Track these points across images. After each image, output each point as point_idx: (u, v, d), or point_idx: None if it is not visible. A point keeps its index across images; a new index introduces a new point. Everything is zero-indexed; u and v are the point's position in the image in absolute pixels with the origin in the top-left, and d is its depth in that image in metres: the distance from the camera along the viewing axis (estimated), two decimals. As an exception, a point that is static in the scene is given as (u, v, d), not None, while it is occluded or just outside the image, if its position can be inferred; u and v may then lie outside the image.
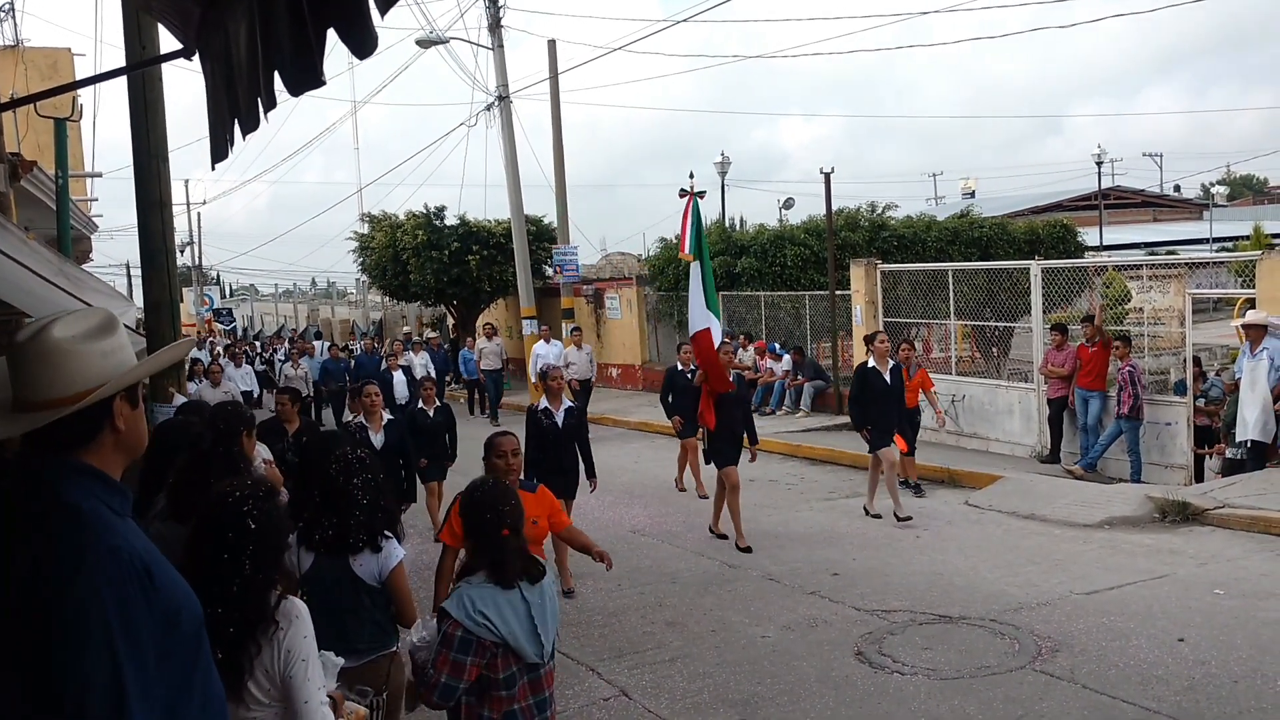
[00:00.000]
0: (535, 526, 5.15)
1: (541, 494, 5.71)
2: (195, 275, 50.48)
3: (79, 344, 2.08)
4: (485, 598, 3.36)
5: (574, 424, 8.46)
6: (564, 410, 8.43)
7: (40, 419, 2.03)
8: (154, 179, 8.53)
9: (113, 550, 1.94)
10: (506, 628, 3.34)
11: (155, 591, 1.98)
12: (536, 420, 8.36)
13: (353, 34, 2.26)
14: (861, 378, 10.44)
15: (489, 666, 3.35)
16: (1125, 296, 17.12)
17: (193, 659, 2.08)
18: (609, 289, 24.56)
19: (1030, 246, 20.04)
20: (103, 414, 2.08)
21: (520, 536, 3.54)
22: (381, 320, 39.98)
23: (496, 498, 3.59)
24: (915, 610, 7.31)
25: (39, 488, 2.01)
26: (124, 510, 2.09)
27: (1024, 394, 13.78)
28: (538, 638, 3.39)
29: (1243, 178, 78.10)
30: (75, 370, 2.06)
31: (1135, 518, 9.58)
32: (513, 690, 3.38)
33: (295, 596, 2.97)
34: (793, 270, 19.46)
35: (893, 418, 10.40)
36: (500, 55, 22.11)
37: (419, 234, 25.46)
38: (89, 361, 2.08)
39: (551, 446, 8.27)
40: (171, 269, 8.89)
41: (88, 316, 2.17)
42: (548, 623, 3.45)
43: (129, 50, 8.19)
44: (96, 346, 2.10)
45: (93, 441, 2.07)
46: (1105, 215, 40.86)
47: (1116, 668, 6.06)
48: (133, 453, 2.19)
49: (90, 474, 2.06)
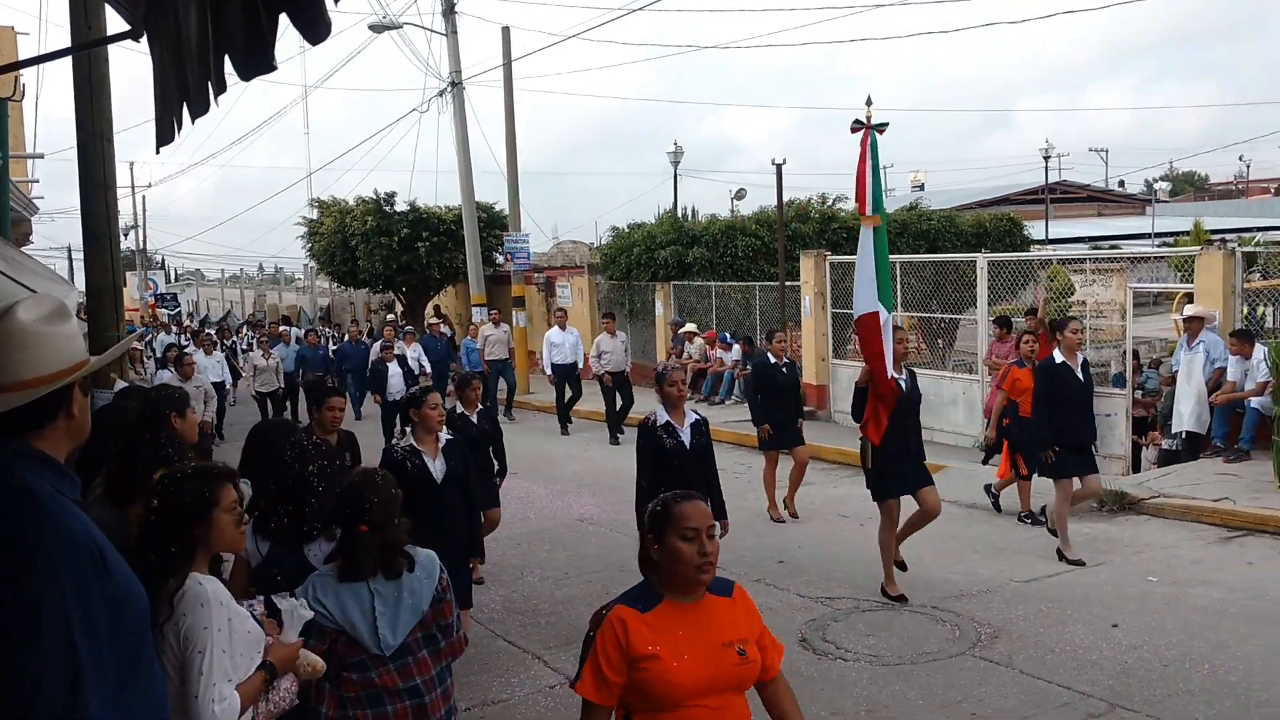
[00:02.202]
0: (743, 660, 2.95)
1: (741, 601, 3.16)
2: (139, 259, 49.58)
3: (45, 326, 2.08)
4: (327, 586, 3.43)
5: (704, 444, 6.56)
6: (690, 425, 6.52)
7: (12, 400, 2.02)
8: (98, 161, 8.38)
9: (69, 533, 1.96)
10: (345, 618, 3.39)
11: (108, 575, 2.00)
12: (655, 440, 6.42)
13: (306, 20, 2.26)
14: (1050, 377, 8.16)
15: (336, 650, 3.40)
16: (1069, 290, 17.43)
17: (139, 642, 2.09)
18: (560, 277, 24.52)
19: (977, 240, 20.32)
20: (61, 399, 2.09)
21: (385, 532, 3.49)
22: (329, 306, 39.56)
23: (363, 491, 3.53)
24: (859, 598, 7.43)
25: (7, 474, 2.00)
26: (74, 495, 2.10)
27: (968, 385, 14.01)
28: (377, 632, 3.40)
29: (1185, 174, 79.67)
30: (44, 353, 2.06)
31: (1074, 507, 9.79)
32: (368, 675, 3.41)
33: (218, 582, 2.94)
34: (743, 261, 19.56)
35: (1086, 430, 8.26)
36: (454, 41, 21.95)
37: (368, 220, 25.24)
38: (56, 345, 2.08)
39: (675, 476, 6.03)
40: (115, 253, 8.74)
41: (43, 302, 2.17)
42: (400, 617, 3.44)
43: (75, 30, 8.04)
44: (60, 330, 2.10)
45: (47, 427, 2.08)
46: (1051, 209, 41.50)
47: (1053, 653, 6.22)
48: (78, 439, 2.19)
49: (41, 459, 2.06)
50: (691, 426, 6.49)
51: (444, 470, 5.87)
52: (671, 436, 6.41)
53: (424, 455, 5.86)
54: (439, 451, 5.92)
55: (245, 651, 2.89)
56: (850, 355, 17.01)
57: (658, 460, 6.31)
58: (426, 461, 5.84)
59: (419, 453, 5.87)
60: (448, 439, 6.00)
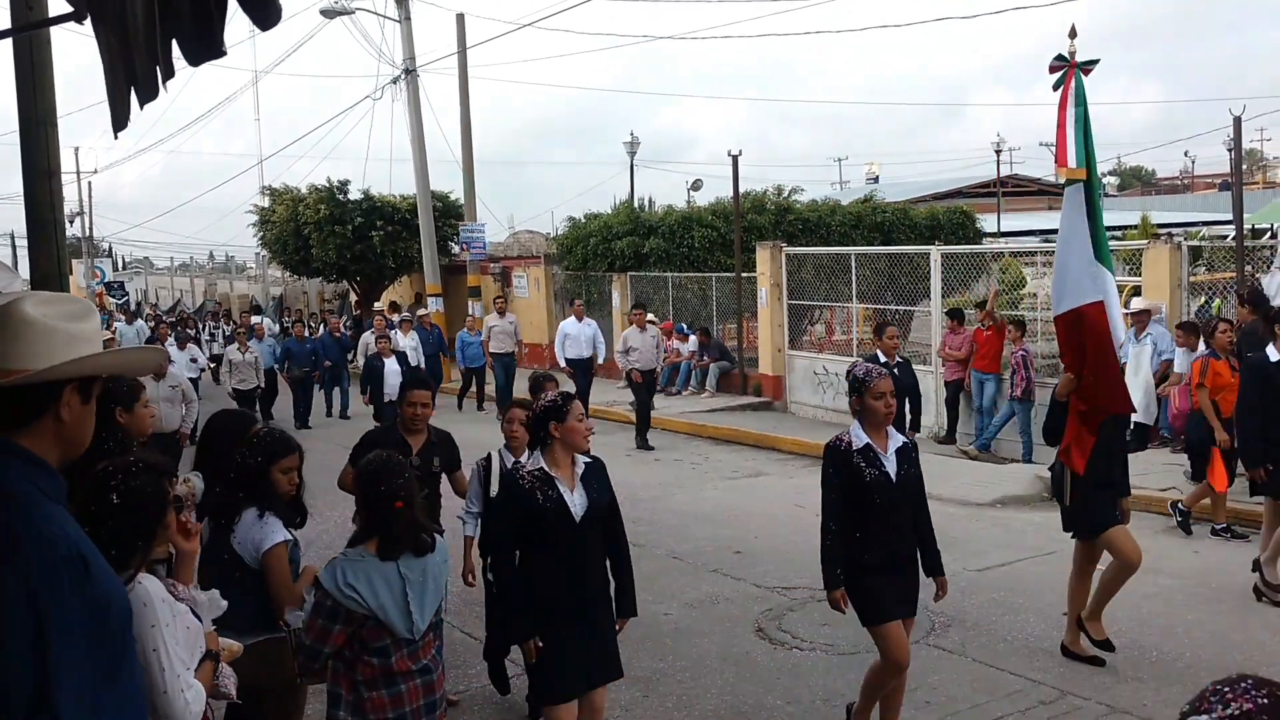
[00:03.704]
0: None
1: None
2: (86, 247, 48.67)
3: (46, 320, 2.00)
4: (357, 570, 3.44)
5: (914, 476, 4.91)
6: (895, 451, 4.84)
7: None
8: (42, 146, 8.18)
9: (46, 536, 1.90)
10: (376, 601, 3.42)
11: (89, 580, 1.94)
12: (850, 468, 4.77)
13: (256, 4, 2.21)
14: (1262, 376, 6.85)
15: (360, 635, 3.45)
16: (1020, 282, 17.65)
17: (120, 649, 2.04)
18: (516, 267, 24.41)
19: (931, 232, 20.51)
20: (49, 398, 2.01)
21: (413, 508, 3.59)
22: (282, 296, 39.09)
23: (390, 470, 3.61)
24: (815, 587, 7.45)
25: None
26: (57, 495, 2.03)
27: (922, 376, 14.12)
28: (409, 614, 3.47)
29: (1132, 169, 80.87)
30: (32, 345, 1.98)
31: (1026, 496, 9.93)
32: (387, 660, 3.48)
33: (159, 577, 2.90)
34: (700, 252, 19.60)
35: None
36: (408, 28, 21.75)
37: (321, 208, 24.94)
38: (50, 341, 2.00)
39: (875, 518, 4.77)
40: (60, 240, 8.54)
41: (65, 300, 2.10)
42: (425, 600, 3.53)
43: (14, 11, 7.83)
44: (64, 329, 2.02)
45: (33, 425, 2.01)
46: (1003, 202, 41.96)
47: (1005, 641, 6.30)
48: (71, 448, 2.11)
49: (23, 456, 1.99)
50: (898, 452, 4.82)
51: (584, 505, 4.31)
52: (873, 465, 4.74)
53: (559, 484, 4.29)
54: (576, 480, 4.35)
55: (188, 645, 2.87)
56: (805, 346, 17.13)
57: (852, 496, 4.76)
58: (563, 493, 4.28)
59: (553, 481, 4.28)
60: (587, 463, 4.42)
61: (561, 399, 4.39)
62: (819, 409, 15.52)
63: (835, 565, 4.75)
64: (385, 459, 3.71)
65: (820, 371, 15.62)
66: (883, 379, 4.82)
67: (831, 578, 4.74)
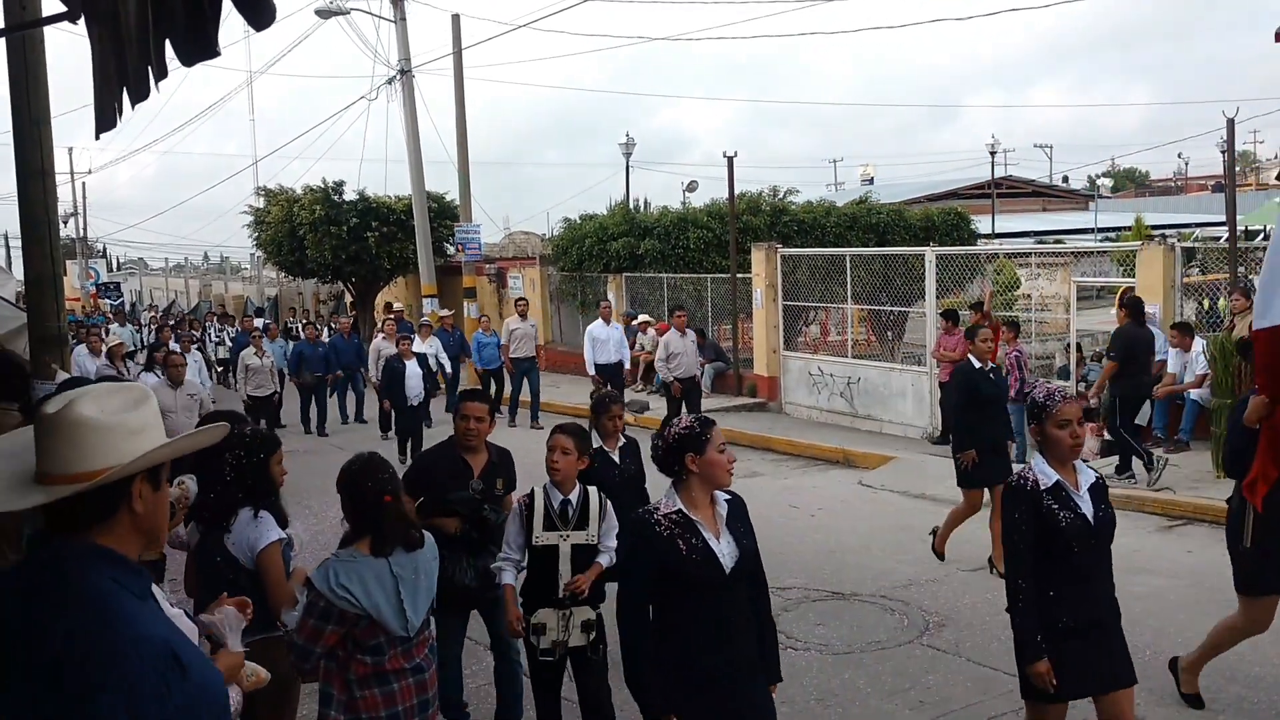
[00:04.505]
0: None
1: None
2: (80, 248, 48.58)
3: (106, 419, 2.01)
4: (350, 571, 3.44)
5: (1110, 518, 4.11)
6: (1088, 488, 4.07)
7: (57, 492, 1.96)
8: (35, 146, 8.16)
9: (140, 641, 1.89)
10: (370, 601, 3.42)
11: (182, 678, 1.92)
12: (1039, 510, 3.95)
13: (250, 5, 2.21)
14: None
15: (354, 635, 3.45)
16: (1014, 283, 17.68)
17: None
18: (512, 268, 24.41)
19: (925, 233, 20.53)
20: (121, 494, 2.01)
21: (400, 503, 3.63)
22: (277, 297, 39.03)
23: (373, 467, 3.65)
24: (810, 587, 7.49)
25: (59, 570, 1.95)
26: (144, 593, 2.03)
27: (917, 377, 14.15)
28: (403, 612, 3.47)
29: (1126, 170, 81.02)
30: (98, 446, 1.99)
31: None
32: (380, 658, 3.48)
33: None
34: (695, 253, 19.61)
35: None
36: (403, 28, 21.75)
37: (316, 209, 24.91)
38: (113, 438, 2.01)
39: (1068, 569, 3.98)
40: (54, 241, 8.52)
41: (120, 391, 2.11)
42: (419, 597, 3.54)
43: (8, 11, 7.82)
44: (123, 423, 2.03)
45: (109, 521, 2.01)
46: (997, 204, 42.04)
47: (999, 640, 6.30)
48: (151, 537, 2.11)
49: (108, 558, 1.99)
50: (1091, 490, 4.06)
51: (734, 554, 3.50)
52: (1066, 507, 3.95)
53: (702, 529, 3.49)
54: (721, 523, 3.56)
55: None
56: (799, 347, 17.15)
57: (1042, 546, 3.94)
58: (708, 540, 3.48)
59: (695, 525, 3.48)
60: (727, 500, 3.64)
61: (699, 425, 3.58)
62: (814, 410, 15.53)
63: (1035, 631, 3.90)
64: (366, 458, 3.73)
65: (815, 373, 15.63)
66: (1068, 403, 4.01)
67: (1032, 647, 3.89)
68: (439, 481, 5.05)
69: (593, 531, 4.71)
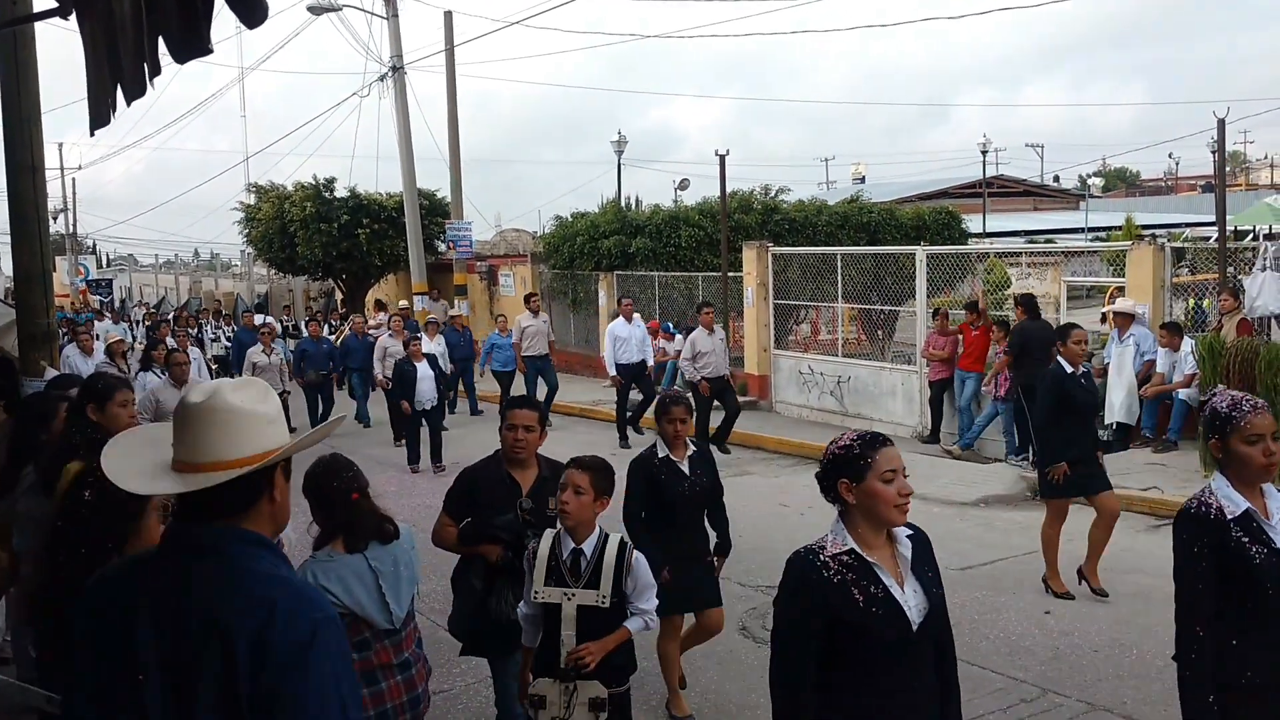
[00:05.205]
0: None
1: None
2: (69, 244, 48.44)
3: (253, 407, 2.06)
4: (328, 571, 3.47)
5: None
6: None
7: (208, 479, 1.99)
8: (25, 143, 8.16)
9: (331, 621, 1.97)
10: (352, 598, 3.45)
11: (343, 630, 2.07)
12: (1232, 546, 3.20)
13: (242, 2, 2.21)
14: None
15: None
16: (1005, 283, 17.73)
17: None
18: (503, 266, 24.38)
19: (916, 232, 20.56)
20: (265, 482, 2.06)
21: (368, 498, 3.64)
22: (268, 294, 38.94)
23: (337, 466, 3.67)
24: (799, 586, 7.50)
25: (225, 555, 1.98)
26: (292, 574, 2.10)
27: (907, 376, 14.18)
28: (386, 605, 3.50)
29: (1117, 170, 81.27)
30: (248, 434, 2.04)
31: (1009, 496, 9.99)
32: (367, 653, 3.50)
33: None
34: (686, 251, 19.62)
35: None
36: (395, 25, 21.72)
37: (307, 206, 24.89)
38: (259, 427, 2.05)
39: (1271, 617, 3.18)
40: (44, 237, 8.52)
41: (250, 385, 2.15)
42: (400, 588, 3.56)
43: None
44: (265, 412, 2.08)
45: (252, 509, 2.05)
46: (988, 203, 42.14)
47: (988, 639, 6.33)
48: (279, 525, 2.15)
49: (263, 544, 2.04)
50: None
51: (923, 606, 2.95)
52: (1258, 540, 3.17)
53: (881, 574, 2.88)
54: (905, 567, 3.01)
55: None
56: (790, 345, 17.17)
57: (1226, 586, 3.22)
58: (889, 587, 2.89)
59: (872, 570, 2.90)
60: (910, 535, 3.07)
61: (859, 445, 2.90)
62: (804, 408, 15.56)
63: (1209, 691, 3.15)
64: (329, 460, 3.74)
65: (805, 371, 15.66)
66: (1259, 414, 3.20)
67: (1203, 710, 3.15)
68: (483, 502, 4.46)
69: (605, 592, 3.83)
